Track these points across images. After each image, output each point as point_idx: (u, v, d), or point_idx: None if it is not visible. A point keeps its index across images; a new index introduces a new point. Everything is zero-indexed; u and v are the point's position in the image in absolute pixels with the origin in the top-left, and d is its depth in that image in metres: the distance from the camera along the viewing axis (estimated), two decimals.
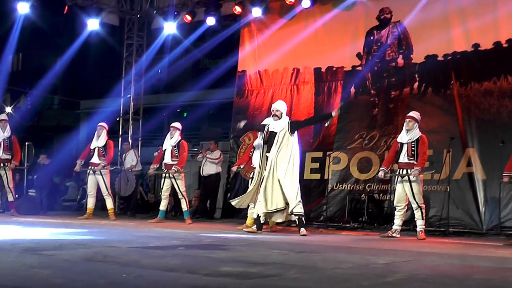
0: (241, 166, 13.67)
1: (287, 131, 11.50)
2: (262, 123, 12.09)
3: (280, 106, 11.89)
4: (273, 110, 11.78)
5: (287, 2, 16.76)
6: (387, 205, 14.31)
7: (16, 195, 15.97)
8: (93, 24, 19.21)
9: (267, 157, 11.59)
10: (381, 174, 11.96)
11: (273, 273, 5.18)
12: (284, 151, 11.44)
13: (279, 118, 11.62)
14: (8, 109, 27.93)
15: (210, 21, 18.16)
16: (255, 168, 12.70)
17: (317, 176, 15.72)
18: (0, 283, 4.15)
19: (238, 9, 17.69)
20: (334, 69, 16.23)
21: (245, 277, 4.90)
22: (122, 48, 20.92)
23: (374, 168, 14.59)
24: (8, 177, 14.92)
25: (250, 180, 13.08)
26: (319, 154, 15.73)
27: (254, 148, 13.01)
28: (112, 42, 22.29)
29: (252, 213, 12.94)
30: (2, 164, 14.90)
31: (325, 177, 15.27)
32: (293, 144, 11.59)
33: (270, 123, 11.72)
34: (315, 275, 5.34)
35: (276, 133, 11.51)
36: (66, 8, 18.75)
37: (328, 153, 15.14)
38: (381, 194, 14.65)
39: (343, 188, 15.18)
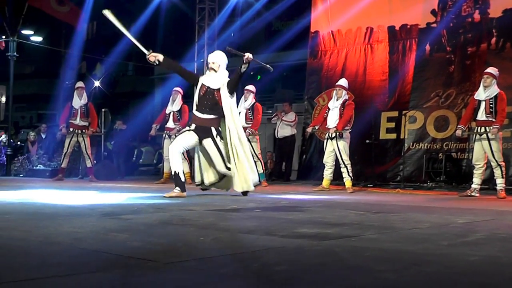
0: (316, 127, 13.58)
1: (227, 91, 9.78)
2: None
3: (217, 57, 9.97)
4: (209, 63, 9.96)
5: None
6: (465, 164, 14.06)
7: (94, 161, 16.25)
8: None
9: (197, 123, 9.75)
10: (458, 132, 11.73)
11: (351, 234, 5.13)
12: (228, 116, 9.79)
13: (216, 72, 9.82)
14: (96, 82, 28.39)
15: None
16: (330, 128, 12.62)
17: (393, 135, 15.53)
18: (81, 246, 4.21)
19: None
20: (408, 27, 15.92)
21: (322, 238, 4.86)
22: (194, 13, 20.95)
23: (451, 127, 14.32)
24: (86, 143, 15.18)
25: (325, 140, 12.99)
26: (395, 114, 15.51)
27: (329, 109, 12.89)
28: (184, 7, 22.35)
29: (328, 174, 12.90)
30: (79, 131, 15.15)
31: (401, 137, 15.07)
32: (233, 109, 9.96)
33: (204, 78, 9.90)
34: (394, 235, 5.27)
35: (213, 90, 9.77)
36: None
37: (403, 112, 14.91)
38: (459, 153, 14.40)
39: (419, 147, 14.95)
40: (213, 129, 9.67)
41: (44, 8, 20.37)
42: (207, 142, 9.68)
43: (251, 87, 14.53)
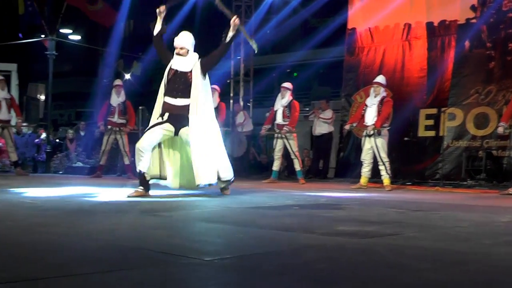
0: (354, 125, 13.49)
1: (199, 72, 8.77)
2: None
3: (184, 41, 8.92)
4: (176, 48, 8.89)
5: None
6: (506, 162, 13.91)
7: (132, 158, 16.31)
8: None
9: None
10: (500, 129, 11.58)
11: (391, 232, 5.08)
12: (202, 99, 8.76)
13: (184, 56, 8.82)
14: (127, 76, 28.55)
15: None
16: (368, 126, 12.54)
17: (431, 133, 15.40)
18: (120, 243, 4.22)
19: None
20: (447, 23, 15.77)
21: (362, 236, 4.82)
22: (230, 10, 20.93)
23: (491, 124, 14.18)
24: (124, 141, 15.23)
25: (363, 138, 12.92)
26: (433, 111, 15.37)
27: (367, 106, 12.81)
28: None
29: (366, 172, 12.83)
30: (117, 129, 15.21)
31: (440, 134, 14.93)
32: (207, 91, 9.00)
33: (173, 61, 8.87)
34: (434, 233, 5.21)
35: (184, 73, 8.78)
36: None
37: (442, 109, 14.77)
38: (499, 150, 14.24)
39: (459, 145, 14.81)
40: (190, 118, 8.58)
41: (80, 6, 20.53)
42: (185, 131, 8.61)
43: (288, 85, 14.49)
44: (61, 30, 23.44)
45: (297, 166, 14.37)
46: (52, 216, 5.86)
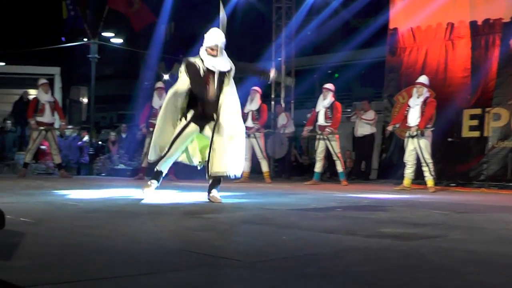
0: (397, 126, 13.40)
1: (232, 74, 8.40)
2: (190, 60, 8.36)
3: (218, 40, 8.29)
4: (208, 48, 8.24)
5: None
6: None
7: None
8: None
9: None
10: None
11: (436, 234, 5.01)
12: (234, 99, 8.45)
13: (217, 56, 8.27)
14: (166, 77, 28.70)
15: None
16: (411, 127, 12.43)
17: (476, 133, 15.19)
18: (164, 245, 4.22)
19: None
20: (491, 21, 15.54)
21: (407, 238, 4.76)
22: (271, 12, 20.97)
23: None
24: None
25: (406, 139, 12.81)
26: (478, 111, 15.16)
27: (410, 107, 12.70)
28: (261, 6, 22.39)
29: (409, 173, 12.72)
30: None
31: (485, 135, 14.73)
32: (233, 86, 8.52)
33: (208, 60, 8.23)
34: (481, 236, 5.13)
35: (224, 73, 8.29)
36: None
37: (487, 109, 14.59)
38: None
39: (504, 145, 14.59)
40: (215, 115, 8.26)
41: (122, 10, 20.65)
42: (210, 126, 8.25)
43: (330, 86, 14.44)
44: (103, 34, 23.64)
45: (339, 167, 14.31)
46: (95, 218, 5.90)
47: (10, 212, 5.18)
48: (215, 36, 8.28)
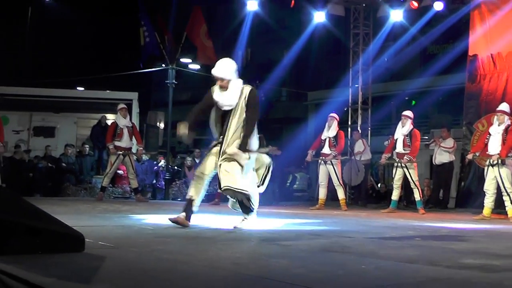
0: (477, 154, 13.14)
1: (243, 103, 7.95)
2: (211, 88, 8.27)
3: (224, 72, 8.07)
4: (217, 79, 8.11)
5: None
6: None
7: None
8: (319, 16, 19.49)
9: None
10: None
11: None
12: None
13: (226, 89, 8.02)
14: None
15: (438, 5, 17.71)
16: (492, 155, 12.17)
17: None
18: (242, 272, 4.20)
19: None
20: None
21: (489, 270, 4.64)
22: (348, 38, 20.93)
23: None
24: None
25: (485, 167, 12.55)
26: None
27: (490, 135, 12.45)
28: (338, 32, 22.39)
29: (489, 202, 12.45)
30: None
31: None
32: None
33: (216, 94, 8.08)
34: None
35: (229, 110, 8.02)
36: (293, 2, 19.00)
37: None
38: None
39: None
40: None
41: (194, 39, 20.84)
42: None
43: (409, 113, 14.30)
44: (181, 59, 23.95)
45: (417, 195, 14.11)
46: (173, 243, 5.92)
47: (89, 236, 5.25)
48: (221, 67, 8.08)
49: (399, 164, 14.09)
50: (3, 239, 4.51)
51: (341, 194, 14.90)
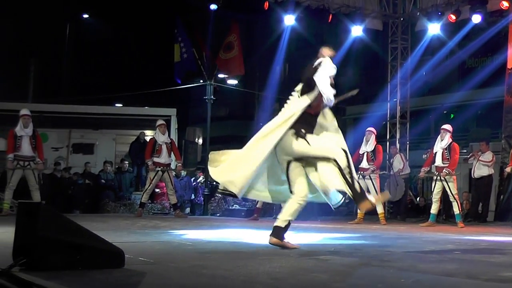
0: None
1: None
2: None
3: None
4: None
5: None
6: None
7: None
8: (357, 31, 19.50)
9: None
10: None
11: None
12: None
13: None
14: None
15: (476, 18, 17.57)
16: None
17: None
18: (281, 287, 4.24)
19: (505, 4, 16.90)
20: None
21: None
22: (386, 53, 20.90)
23: None
24: None
25: None
26: None
27: None
28: (375, 47, 22.37)
29: None
30: None
31: None
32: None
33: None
34: None
35: None
36: (330, 16, 19.02)
37: None
38: None
39: None
40: None
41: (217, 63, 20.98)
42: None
43: (448, 127, 14.25)
44: (219, 75, 24.08)
45: (456, 209, 14.03)
46: (212, 259, 5.98)
47: (129, 252, 5.32)
48: None
49: (438, 178, 14.03)
50: (45, 256, 4.61)
51: (380, 208, 14.86)
